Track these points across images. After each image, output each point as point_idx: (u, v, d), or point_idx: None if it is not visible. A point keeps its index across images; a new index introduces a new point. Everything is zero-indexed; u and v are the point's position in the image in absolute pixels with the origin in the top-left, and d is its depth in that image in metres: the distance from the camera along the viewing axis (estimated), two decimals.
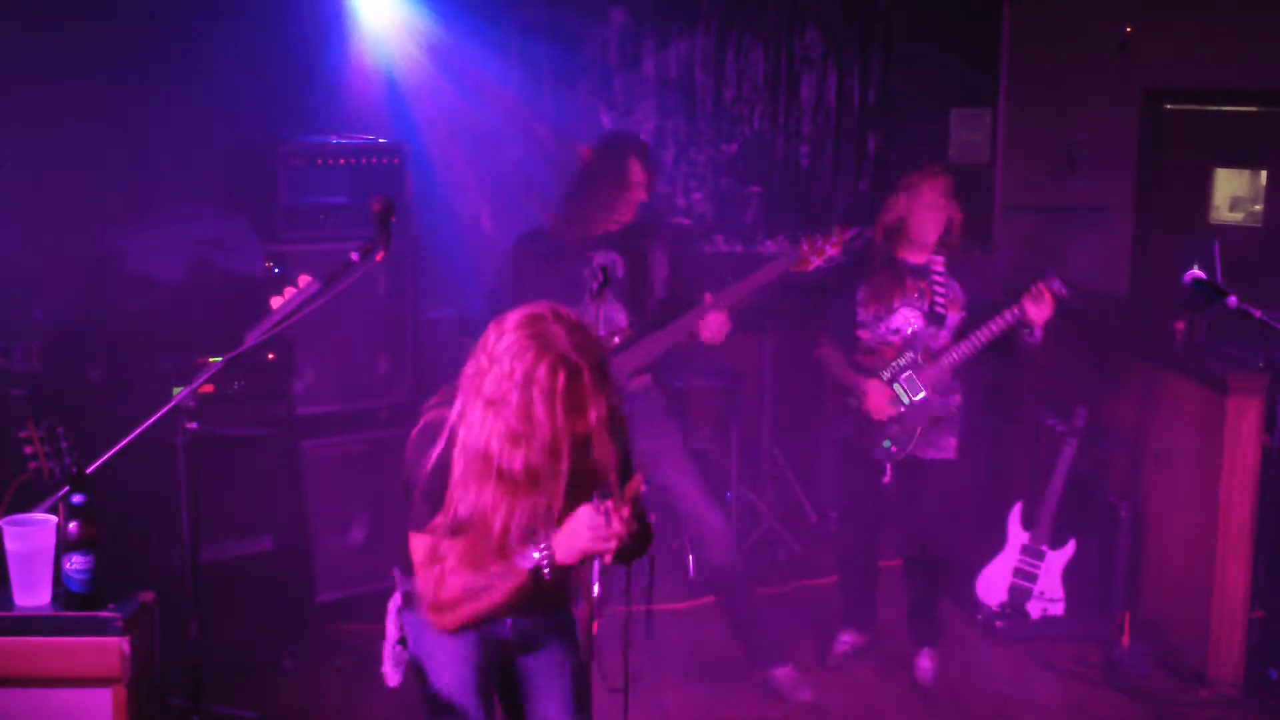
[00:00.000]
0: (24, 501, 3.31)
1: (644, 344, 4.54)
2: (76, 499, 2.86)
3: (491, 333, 2.67)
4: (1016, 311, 4.46)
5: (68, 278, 4.72)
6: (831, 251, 4.45)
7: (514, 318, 2.67)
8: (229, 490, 4.47)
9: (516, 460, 2.60)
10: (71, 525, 2.86)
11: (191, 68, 5.15)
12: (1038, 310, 4.42)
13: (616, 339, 4.52)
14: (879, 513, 4.92)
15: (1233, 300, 3.75)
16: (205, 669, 3.07)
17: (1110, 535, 5.13)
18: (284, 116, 5.34)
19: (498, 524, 2.64)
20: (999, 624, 5.23)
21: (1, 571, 2.95)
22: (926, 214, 4.58)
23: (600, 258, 4.56)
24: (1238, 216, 6.54)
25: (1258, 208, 6.50)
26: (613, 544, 2.60)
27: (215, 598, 3.69)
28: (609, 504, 2.60)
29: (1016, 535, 5.27)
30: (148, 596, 3.06)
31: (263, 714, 4.35)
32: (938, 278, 4.65)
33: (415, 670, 2.93)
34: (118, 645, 2.91)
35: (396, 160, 5.19)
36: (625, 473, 2.72)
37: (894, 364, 4.64)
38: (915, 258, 4.67)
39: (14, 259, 4.64)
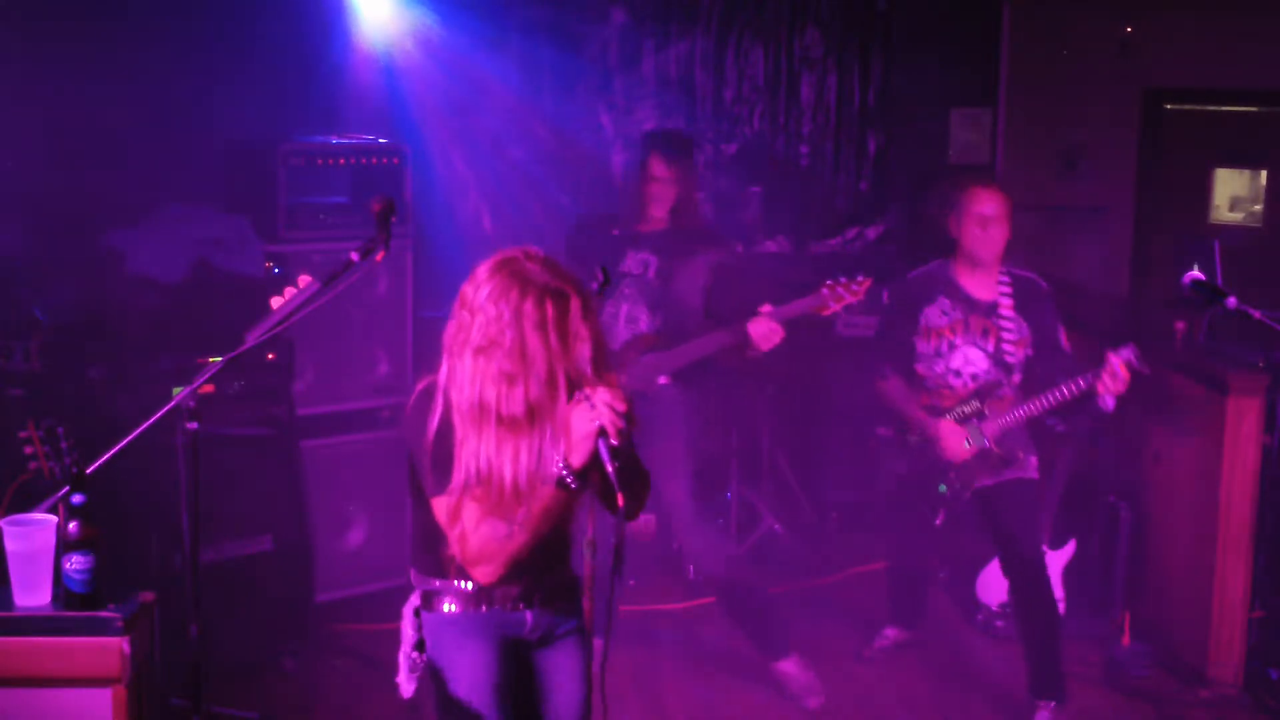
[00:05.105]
0: (24, 501, 3.31)
1: (677, 351, 4.51)
2: (76, 499, 2.85)
3: (467, 288, 2.68)
4: (1089, 381, 4.30)
5: (68, 278, 4.72)
6: (850, 300, 4.38)
7: (485, 267, 2.68)
8: (229, 490, 4.47)
9: (516, 400, 2.61)
10: (71, 525, 2.86)
11: (191, 67, 5.15)
12: (1109, 386, 4.28)
13: (639, 343, 4.53)
14: (931, 544, 4.97)
15: (1232, 301, 3.75)
16: (205, 669, 3.06)
17: (1110, 535, 5.12)
18: (284, 116, 5.33)
19: (508, 472, 2.65)
20: (999, 624, 5.23)
21: (1, 571, 2.95)
22: (980, 228, 4.44)
23: (633, 257, 4.58)
24: (1238, 216, 6.54)
25: (1258, 208, 6.50)
26: (607, 415, 2.59)
27: (215, 598, 3.69)
28: (585, 389, 2.63)
29: None
30: (148, 596, 3.06)
31: (263, 714, 4.35)
32: (1006, 321, 4.51)
33: (432, 673, 2.89)
34: (118, 645, 2.91)
35: (396, 160, 5.20)
36: (598, 366, 2.73)
37: (959, 409, 4.51)
38: (982, 293, 4.53)
39: (14, 259, 4.64)
